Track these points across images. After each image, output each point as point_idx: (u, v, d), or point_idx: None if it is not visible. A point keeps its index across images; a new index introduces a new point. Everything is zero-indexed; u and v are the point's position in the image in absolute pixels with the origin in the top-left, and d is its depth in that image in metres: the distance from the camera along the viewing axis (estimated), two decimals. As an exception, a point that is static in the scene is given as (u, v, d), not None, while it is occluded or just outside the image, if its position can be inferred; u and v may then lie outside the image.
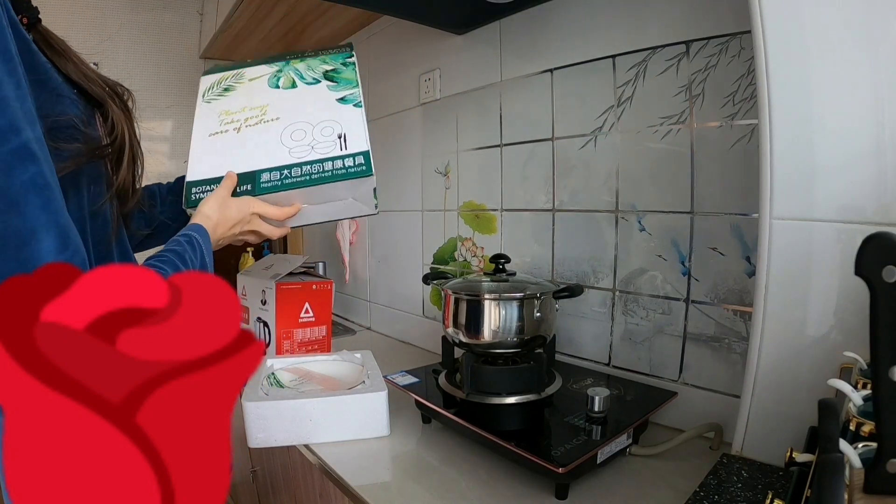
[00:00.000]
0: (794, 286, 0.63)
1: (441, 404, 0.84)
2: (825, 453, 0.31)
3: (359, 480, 0.73)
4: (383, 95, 1.59)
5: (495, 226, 1.21)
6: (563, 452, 0.65)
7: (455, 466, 0.76)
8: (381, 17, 1.55)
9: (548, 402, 0.82)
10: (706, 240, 0.81)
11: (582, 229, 1.01)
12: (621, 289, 0.94)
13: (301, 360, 1.05)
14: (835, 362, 0.54)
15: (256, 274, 1.37)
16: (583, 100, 0.99)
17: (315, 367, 1.03)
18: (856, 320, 0.58)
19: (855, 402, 0.40)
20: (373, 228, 1.69)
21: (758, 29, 0.62)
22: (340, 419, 0.84)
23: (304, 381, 0.97)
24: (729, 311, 0.79)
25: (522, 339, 0.85)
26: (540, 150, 1.08)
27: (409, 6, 1.14)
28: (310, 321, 1.32)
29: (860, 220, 0.58)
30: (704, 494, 0.57)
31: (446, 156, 1.34)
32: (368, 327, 1.70)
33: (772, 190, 0.63)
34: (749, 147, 0.75)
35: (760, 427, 0.66)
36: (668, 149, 0.86)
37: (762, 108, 0.63)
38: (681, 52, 0.83)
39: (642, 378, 0.91)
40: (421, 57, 1.40)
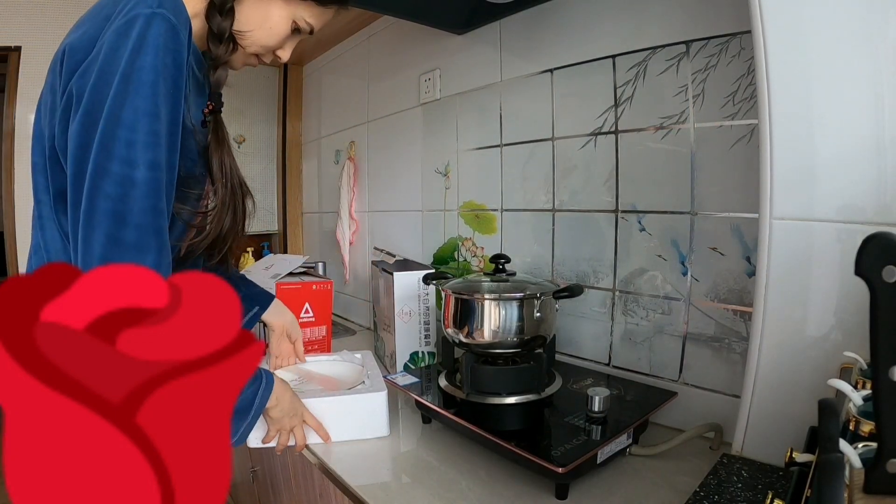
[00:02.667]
0: (794, 286, 0.63)
1: (441, 404, 0.84)
2: (825, 453, 0.31)
3: (358, 480, 0.73)
4: (383, 95, 1.59)
5: (495, 226, 1.21)
6: (563, 452, 0.65)
7: (455, 466, 0.76)
8: (381, 17, 1.55)
9: (548, 402, 0.82)
10: (706, 240, 0.81)
11: (582, 229, 1.01)
12: (621, 289, 0.94)
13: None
14: (835, 362, 0.54)
15: (256, 274, 1.37)
16: (583, 100, 0.99)
17: (315, 368, 1.02)
18: (856, 320, 0.58)
19: (855, 402, 0.40)
20: (373, 228, 1.69)
21: (758, 29, 0.62)
22: (340, 419, 0.84)
23: (304, 382, 0.97)
24: (729, 311, 0.79)
25: (522, 339, 0.85)
26: (540, 150, 1.08)
27: (409, 6, 1.14)
28: (310, 321, 1.32)
29: (860, 220, 0.58)
30: (704, 494, 0.57)
31: (446, 156, 1.34)
32: (368, 327, 1.70)
33: (772, 190, 0.63)
34: (749, 147, 0.75)
35: (760, 427, 0.66)
36: (668, 149, 0.86)
37: (762, 108, 0.63)
38: (681, 52, 0.83)
39: (642, 378, 0.91)
40: (421, 57, 1.40)
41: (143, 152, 0.56)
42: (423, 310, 1.14)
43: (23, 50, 1.77)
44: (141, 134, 0.55)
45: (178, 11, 0.58)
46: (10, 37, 1.76)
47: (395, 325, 1.12)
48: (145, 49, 0.55)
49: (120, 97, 0.55)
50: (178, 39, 0.57)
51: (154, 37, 0.55)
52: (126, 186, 0.55)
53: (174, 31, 0.57)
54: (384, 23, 1.56)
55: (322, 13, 0.71)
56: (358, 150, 1.76)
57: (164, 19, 0.56)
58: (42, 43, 1.77)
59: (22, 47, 1.77)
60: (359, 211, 1.76)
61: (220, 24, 0.65)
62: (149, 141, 0.56)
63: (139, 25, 0.55)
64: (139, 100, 0.55)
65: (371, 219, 1.71)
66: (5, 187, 1.79)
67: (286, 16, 0.68)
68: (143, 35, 0.55)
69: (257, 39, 0.69)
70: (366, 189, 1.72)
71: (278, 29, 0.69)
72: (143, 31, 0.55)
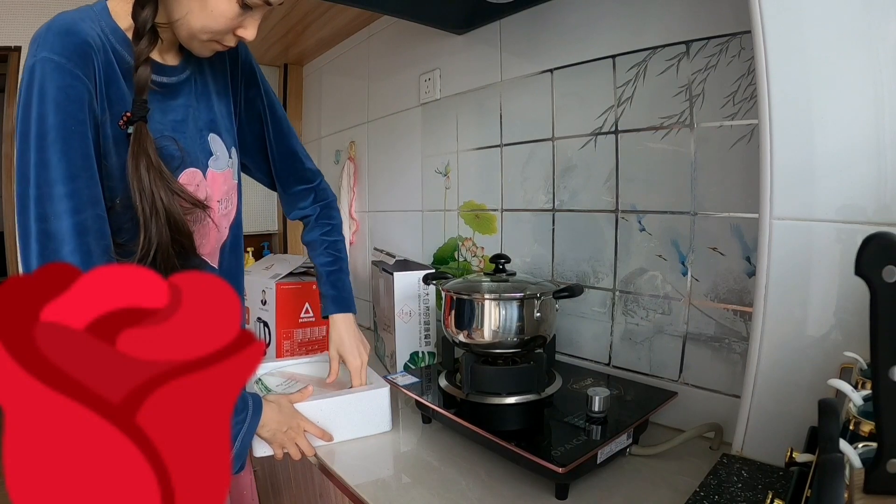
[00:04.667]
0: (794, 286, 0.63)
1: (441, 404, 0.84)
2: (825, 453, 0.31)
3: (358, 480, 0.73)
4: (383, 95, 1.59)
5: (495, 226, 1.21)
6: (563, 452, 0.65)
7: (455, 466, 0.76)
8: (381, 17, 1.55)
9: (548, 402, 0.82)
10: (706, 240, 0.81)
11: (582, 229, 1.01)
12: (621, 289, 0.94)
13: (285, 364, 1.06)
14: (835, 362, 0.54)
15: (256, 274, 1.37)
16: (583, 100, 0.99)
17: (299, 370, 1.03)
18: (856, 320, 0.58)
19: (855, 402, 0.40)
20: (373, 228, 1.70)
21: (758, 29, 0.62)
22: (346, 418, 0.85)
23: (292, 384, 0.97)
24: (729, 311, 0.79)
25: (522, 339, 0.85)
26: (540, 150, 1.08)
27: (409, 6, 1.14)
28: (310, 321, 1.32)
29: (860, 220, 0.58)
30: (704, 494, 0.57)
31: (446, 156, 1.34)
32: (369, 327, 1.70)
33: (772, 190, 0.63)
34: (749, 147, 0.75)
35: (760, 427, 0.66)
36: (668, 149, 0.86)
37: (762, 108, 0.63)
38: (681, 52, 0.83)
39: (642, 378, 0.91)
40: (421, 57, 1.40)
41: (54, 204, 0.56)
42: (423, 310, 1.14)
43: (23, 50, 1.78)
44: (47, 187, 0.56)
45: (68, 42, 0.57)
46: (10, 37, 1.76)
47: (395, 325, 1.12)
48: (32, 101, 0.56)
49: (23, 156, 0.56)
50: (67, 72, 0.57)
51: (39, 85, 0.56)
52: (46, 240, 0.56)
53: (59, 69, 0.56)
54: (384, 23, 1.56)
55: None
56: (358, 150, 1.76)
57: (44, 62, 0.56)
58: (42, 43, 1.77)
59: (22, 47, 1.77)
60: (359, 211, 1.76)
61: (141, 18, 0.61)
62: (57, 192, 0.56)
63: (25, 81, 0.56)
64: (39, 154, 0.56)
65: (371, 219, 1.71)
66: (5, 187, 1.79)
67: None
68: (29, 87, 0.56)
69: (199, 25, 0.62)
70: (366, 189, 1.72)
71: (221, 9, 0.61)
72: (28, 84, 0.56)
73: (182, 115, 0.70)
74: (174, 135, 0.68)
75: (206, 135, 0.74)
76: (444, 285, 0.93)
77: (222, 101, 0.79)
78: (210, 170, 0.74)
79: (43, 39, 0.57)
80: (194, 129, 0.72)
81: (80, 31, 0.58)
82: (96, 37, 0.60)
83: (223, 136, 0.77)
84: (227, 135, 0.78)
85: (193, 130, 0.72)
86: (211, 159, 0.74)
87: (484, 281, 0.92)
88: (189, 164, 0.70)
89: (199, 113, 0.73)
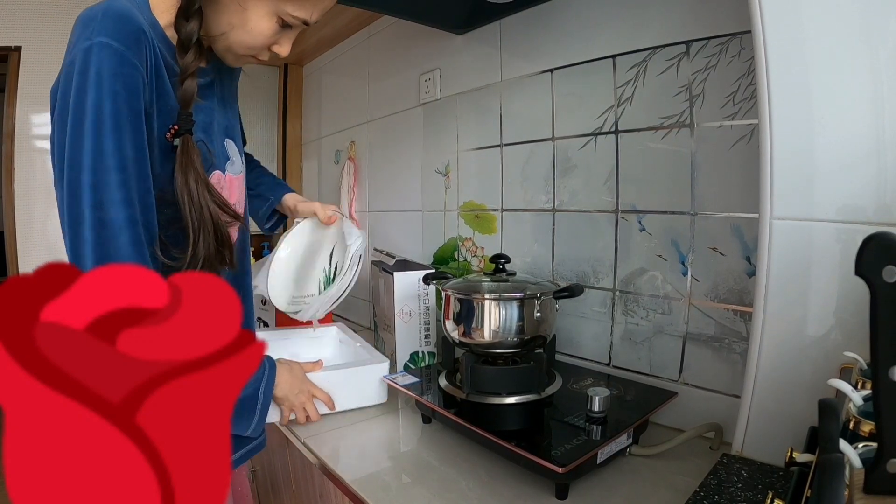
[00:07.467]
0: (794, 286, 0.63)
1: (441, 404, 0.84)
2: (825, 453, 0.31)
3: (358, 480, 0.73)
4: (383, 95, 1.59)
5: (495, 226, 1.21)
6: (563, 452, 0.65)
7: (455, 466, 0.76)
8: (381, 17, 1.55)
9: (548, 402, 0.82)
10: (706, 240, 0.81)
11: (582, 229, 1.01)
12: (621, 289, 0.94)
13: None
14: (835, 362, 0.54)
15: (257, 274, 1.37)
16: (583, 100, 0.99)
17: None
18: (856, 320, 0.58)
19: (855, 402, 0.39)
20: (373, 228, 1.69)
21: (758, 29, 0.62)
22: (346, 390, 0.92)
23: None
24: (729, 311, 0.79)
25: (522, 339, 0.85)
26: (540, 150, 1.08)
27: (409, 6, 1.14)
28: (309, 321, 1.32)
29: (860, 220, 0.58)
30: (704, 494, 0.57)
31: (446, 156, 1.34)
32: (368, 327, 1.70)
33: (772, 190, 0.63)
34: (749, 147, 0.75)
35: (760, 427, 0.66)
36: (668, 149, 0.86)
37: (762, 108, 0.63)
38: (681, 52, 0.83)
39: (642, 378, 0.91)
40: (421, 57, 1.40)
41: (110, 192, 0.55)
42: (423, 310, 1.14)
43: (23, 50, 1.77)
44: (103, 174, 0.55)
45: (124, 29, 0.56)
46: (10, 37, 1.76)
47: (395, 324, 1.12)
48: (88, 87, 0.54)
49: (76, 141, 0.54)
50: (125, 61, 0.55)
51: (95, 71, 0.54)
52: (101, 228, 0.55)
53: (118, 56, 0.55)
54: (384, 23, 1.56)
55: (311, 3, 0.65)
56: (358, 150, 1.76)
57: (102, 47, 0.54)
58: (42, 43, 1.77)
59: (22, 47, 1.77)
60: (359, 211, 1.76)
61: (186, 30, 0.61)
62: (114, 179, 0.56)
63: (79, 64, 0.54)
64: (95, 140, 0.54)
65: (371, 219, 1.71)
66: (5, 187, 1.79)
67: (267, 13, 0.63)
68: (83, 71, 0.54)
69: (238, 41, 0.64)
70: (366, 189, 1.72)
71: (260, 28, 0.63)
72: (83, 68, 0.54)
73: (209, 118, 0.71)
74: (203, 137, 0.69)
75: (224, 139, 0.75)
76: (444, 285, 0.93)
77: (234, 107, 0.80)
78: (228, 174, 0.75)
79: (99, 24, 0.55)
80: (218, 131, 0.73)
81: (135, 18, 0.58)
82: (146, 27, 0.59)
83: (236, 141, 0.79)
84: (238, 140, 0.80)
85: (217, 133, 0.73)
86: (228, 163, 0.75)
87: (484, 281, 0.92)
88: (216, 167, 0.72)
89: (220, 117, 0.74)
